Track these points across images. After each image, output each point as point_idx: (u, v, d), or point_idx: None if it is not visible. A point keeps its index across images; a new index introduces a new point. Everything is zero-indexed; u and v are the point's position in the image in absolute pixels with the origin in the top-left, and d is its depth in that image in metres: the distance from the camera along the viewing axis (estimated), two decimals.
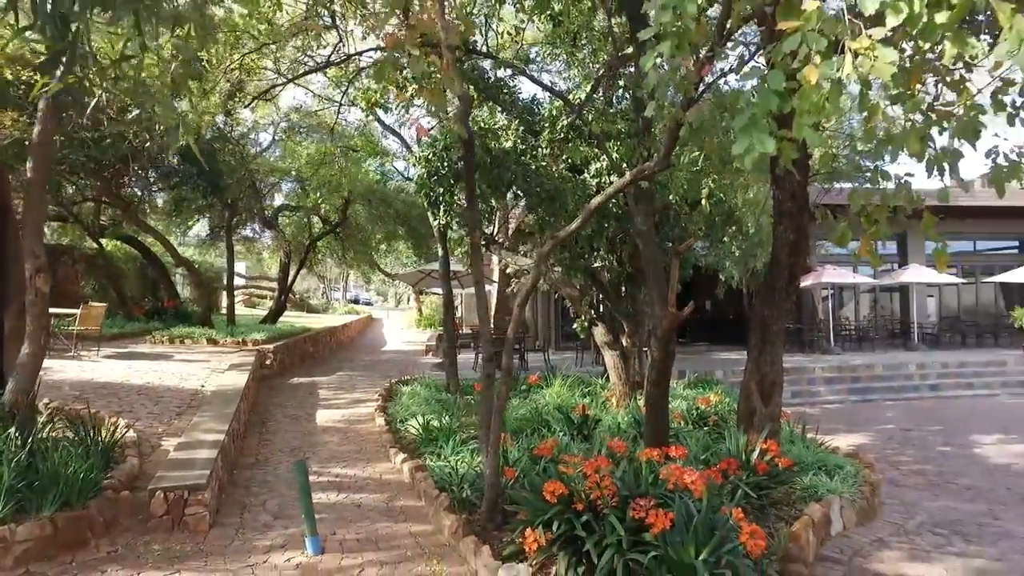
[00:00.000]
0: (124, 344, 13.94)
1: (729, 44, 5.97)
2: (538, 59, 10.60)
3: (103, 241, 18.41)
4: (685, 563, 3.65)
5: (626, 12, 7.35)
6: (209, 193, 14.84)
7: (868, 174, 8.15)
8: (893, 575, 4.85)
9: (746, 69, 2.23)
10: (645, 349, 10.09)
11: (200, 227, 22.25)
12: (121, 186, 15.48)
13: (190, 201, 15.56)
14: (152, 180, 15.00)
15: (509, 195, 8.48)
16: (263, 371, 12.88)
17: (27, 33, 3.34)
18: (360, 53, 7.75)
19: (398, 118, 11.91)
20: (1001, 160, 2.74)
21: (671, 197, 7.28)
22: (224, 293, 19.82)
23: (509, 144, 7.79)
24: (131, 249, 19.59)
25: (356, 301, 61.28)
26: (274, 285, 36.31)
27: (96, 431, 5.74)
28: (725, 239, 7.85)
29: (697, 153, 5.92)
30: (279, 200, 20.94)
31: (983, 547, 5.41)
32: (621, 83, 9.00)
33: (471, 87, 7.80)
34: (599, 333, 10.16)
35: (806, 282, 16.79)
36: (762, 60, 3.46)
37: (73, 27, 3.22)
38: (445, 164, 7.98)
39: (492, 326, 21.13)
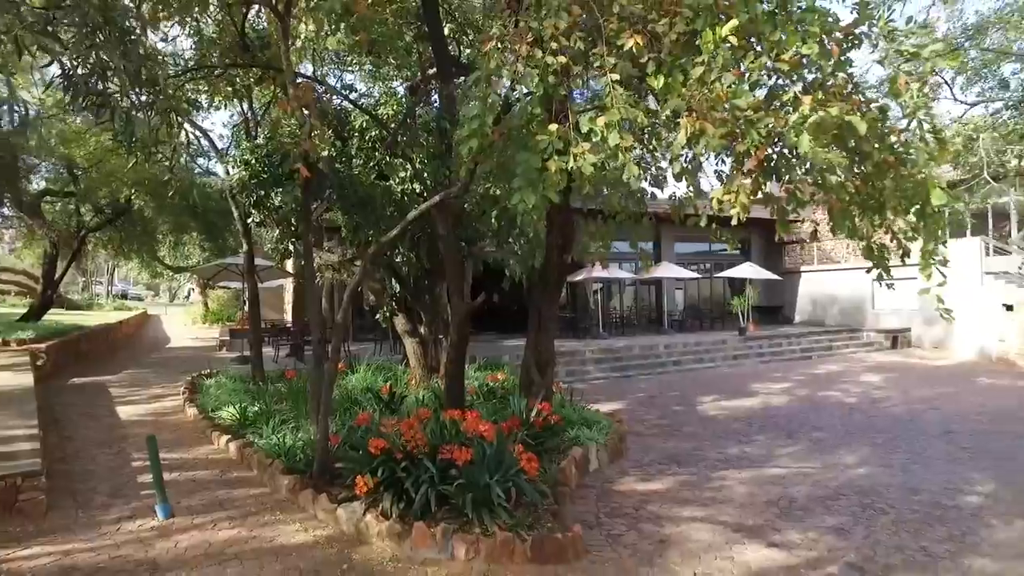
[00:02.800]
0: None
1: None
2: (343, 70, 11.33)
3: None
4: (482, 485, 4.94)
5: (430, 39, 8.47)
6: None
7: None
8: (628, 491, 6.65)
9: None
10: (441, 337, 11.34)
11: None
12: None
13: None
14: None
15: (323, 200, 9.18)
16: (36, 372, 12.01)
17: None
18: (198, 68, 7.93)
19: (207, 114, 11.81)
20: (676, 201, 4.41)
21: (465, 205, 8.54)
22: None
23: (325, 153, 8.49)
24: None
25: (124, 296, 55.17)
26: (19, 279, 31.84)
27: None
28: (510, 240, 9.33)
29: (489, 184, 7.27)
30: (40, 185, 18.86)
31: (688, 468, 7.51)
32: (423, 99, 10.13)
33: None
34: (400, 323, 11.22)
35: (579, 277, 19.36)
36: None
37: None
38: (267, 169, 8.48)
39: (290, 319, 21.10)
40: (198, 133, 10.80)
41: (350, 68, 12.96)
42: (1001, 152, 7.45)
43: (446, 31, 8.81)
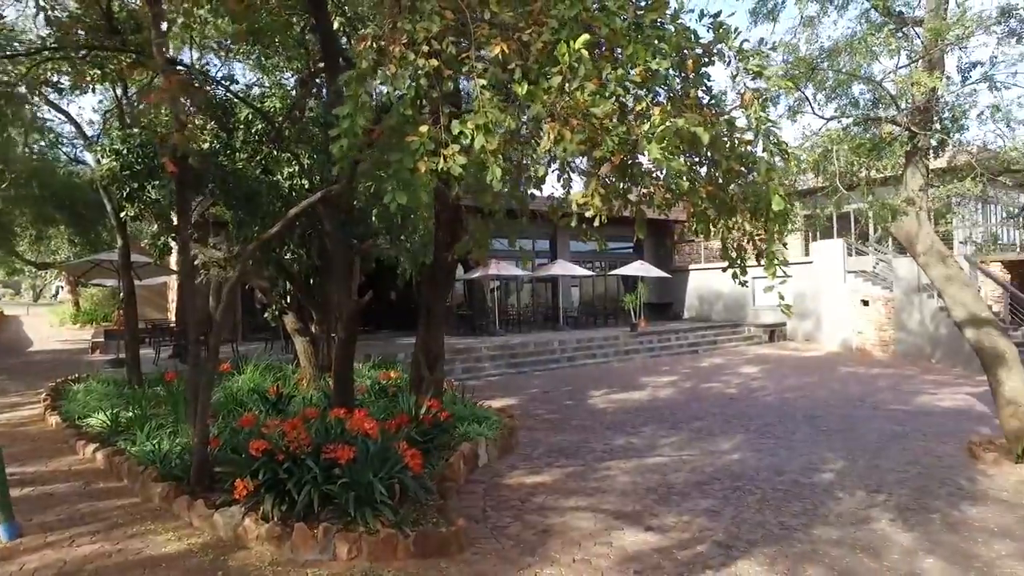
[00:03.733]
0: None
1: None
2: (231, 59, 10.82)
3: None
4: (365, 483, 4.91)
5: (319, 31, 8.25)
6: None
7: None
8: (516, 484, 6.80)
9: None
10: (334, 335, 11.09)
11: None
12: None
13: None
14: None
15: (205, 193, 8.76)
16: None
17: None
18: (54, 48, 7.28)
19: (72, 97, 10.85)
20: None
21: (355, 202, 8.42)
22: None
23: (207, 145, 8.08)
24: None
25: None
26: None
27: None
28: (402, 237, 9.28)
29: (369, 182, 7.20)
30: None
31: (575, 460, 7.77)
32: (311, 93, 9.85)
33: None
34: (289, 321, 10.90)
35: (476, 274, 19.50)
36: None
37: None
38: (139, 160, 7.96)
39: (175, 318, 19.89)
40: (61, 117, 9.96)
41: (237, 57, 12.39)
42: (851, 163, 8.23)
43: (336, 24, 8.62)
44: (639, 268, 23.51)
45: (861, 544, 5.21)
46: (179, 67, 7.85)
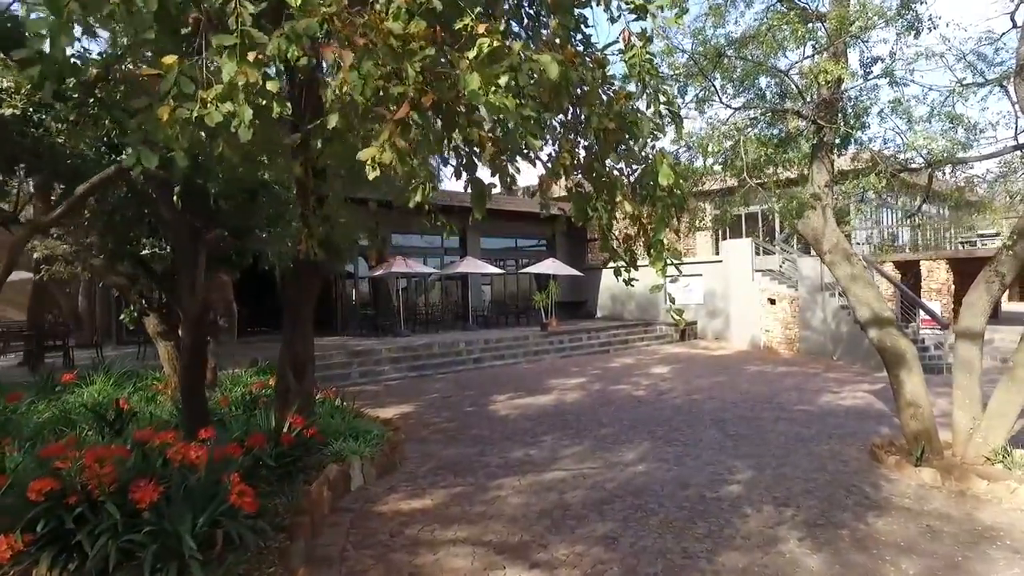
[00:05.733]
0: None
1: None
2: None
3: None
4: (174, 531, 3.90)
5: None
6: None
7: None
8: (391, 512, 5.91)
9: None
10: (208, 339, 9.85)
11: None
12: None
13: None
14: None
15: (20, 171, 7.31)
16: None
17: None
18: None
19: None
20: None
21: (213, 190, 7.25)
22: None
23: (15, 112, 6.70)
24: None
25: None
26: None
27: None
28: (279, 229, 8.22)
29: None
30: None
31: (465, 478, 6.95)
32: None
33: None
34: (151, 323, 9.57)
35: (380, 271, 18.40)
36: None
37: None
38: None
39: (25, 319, 17.69)
40: None
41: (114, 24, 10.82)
42: (760, 156, 7.90)
43: None
44: (551, 266, 23.04)
45: (769, 572, 4.66)
46: None
